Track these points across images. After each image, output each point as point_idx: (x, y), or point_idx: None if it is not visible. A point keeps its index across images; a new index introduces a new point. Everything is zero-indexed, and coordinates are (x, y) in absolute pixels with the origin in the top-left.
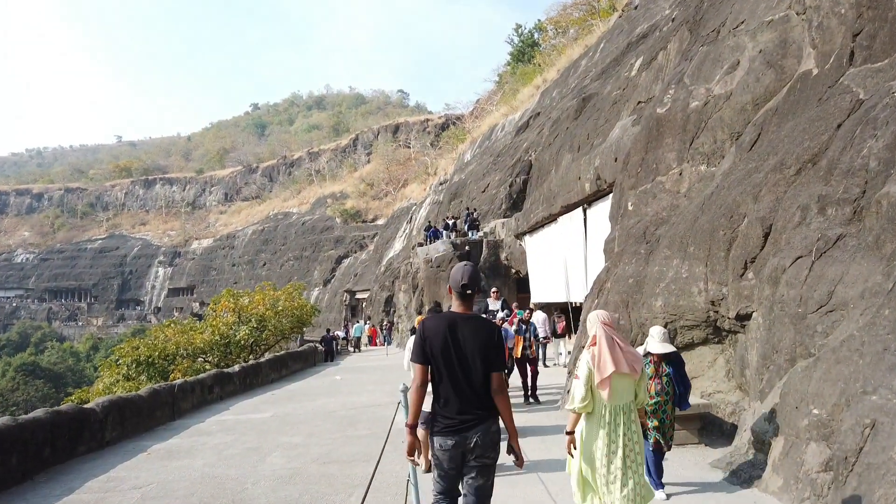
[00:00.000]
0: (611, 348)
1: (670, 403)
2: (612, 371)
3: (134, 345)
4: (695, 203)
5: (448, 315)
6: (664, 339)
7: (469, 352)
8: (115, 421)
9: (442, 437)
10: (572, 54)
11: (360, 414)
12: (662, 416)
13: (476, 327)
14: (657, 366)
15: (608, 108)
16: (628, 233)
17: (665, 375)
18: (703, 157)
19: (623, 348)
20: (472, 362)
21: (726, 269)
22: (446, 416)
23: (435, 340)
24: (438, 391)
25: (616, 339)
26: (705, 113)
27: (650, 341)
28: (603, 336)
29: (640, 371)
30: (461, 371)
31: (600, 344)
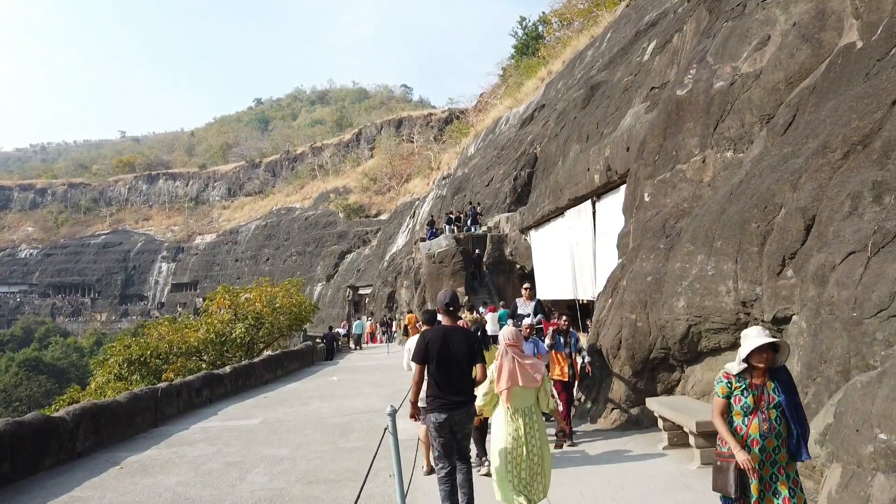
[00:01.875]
0: (511, 365)
1: (783, 451)
2: (507, 385)
3: (125, 343)
4: (721, 193)
5: (442, 328)
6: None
7: (456, 354)
8: (88, 430)
9: (437, 413)
10: (578, 45)
11: (353, 421)
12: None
13: (462, 337)
14: (760, 392)
15: (619, 95)
16: (645, 226)
17: (773, 407)
18: (729, 143)
19: (522, 364)
20: (459, 362)
21: (760, 266)
22: (440, 398)
23: (433, 346)
24: (436, 381)
25: (516, 356)
26: (731, 94)
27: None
28: (505, 354)
29: (541, 380)
30: (452, 368)
31: (501, 360)
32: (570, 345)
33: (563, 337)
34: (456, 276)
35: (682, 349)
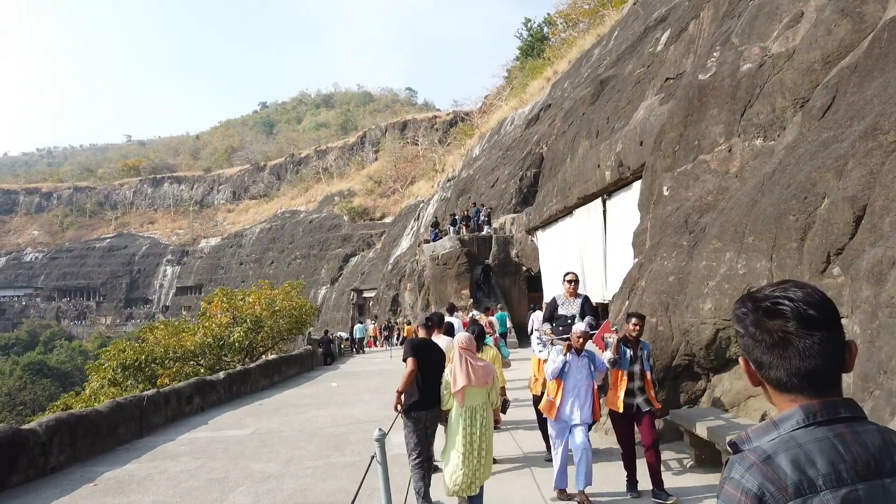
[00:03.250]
0: (464, 367)
1: None
2: (463, 385)
3: (120, 347)
4: (751, 184)
5: (420, 340)
6: None
7: (430, 364)
8: (63, 443)
9: (416, 411)
10: (584, 44)
11: (350, 433)
12: None
13: (437, 350)
14: None
15: (630, 88)
16: (664, 222)
17: None
18: (758, 130)
19: (475, 366)
20: (431, 370)
21: (800, 264)
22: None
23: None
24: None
25: (469, 359)
26: (760, 76)
27: None
28: (458, 357)
29: (492, 381)
30: (425, 375)
31: (455, 363)
32: (641, 360)
33: (631, 349)
34: (460, 278)
35: (708, 356)
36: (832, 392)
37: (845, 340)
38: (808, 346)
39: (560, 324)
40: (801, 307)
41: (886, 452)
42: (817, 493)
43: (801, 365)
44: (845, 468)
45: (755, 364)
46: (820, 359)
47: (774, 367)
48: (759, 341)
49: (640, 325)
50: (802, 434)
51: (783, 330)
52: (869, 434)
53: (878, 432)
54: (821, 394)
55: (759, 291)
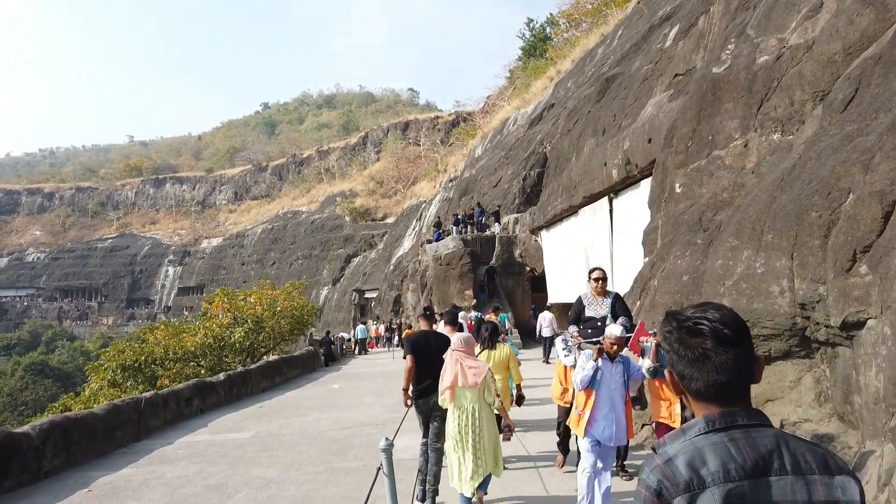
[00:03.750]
0: (454, 367)
1: None
2: (449, 385)
3: (120, 348)
4: (768, 180)
5: (418, 334)
6: None
7: (431, 353)
8: (57, 447)
9: (418, 398)
10: (587, 44)
11: (352, 436)
12: None
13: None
14: None
15: (637, 85)
16: (677, 220)
17: None
18: (775, 124)
19: (466, 367)
20: (433, 359)
21: (823, 262)
22: (421, 387)
23: (418, 344)
24: (415, 374)
25: (461, 361)
26: (778, 69)
27: None
28: (450, 357)
29: (483, 381)
30: (427, 363)
31: (447, 363)
32: None
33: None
34: (463, 278)
35: None
36: (741, 401)
37: (755, 356)
38: (723, 362)
39: (589, 326)
40: (718, 327)
41: (777, 454)
42: (706, 489)
43: (717, 378)
44: (734, 467)
45: (678, 376)
46: (733, 372)
47: (695, 380)
48: (682, 356)
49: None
50: (701, 439)
51: (702, 347)
52: (763, 438)
53: (773, 437)
54: (731, 403)
55: (682, 313)
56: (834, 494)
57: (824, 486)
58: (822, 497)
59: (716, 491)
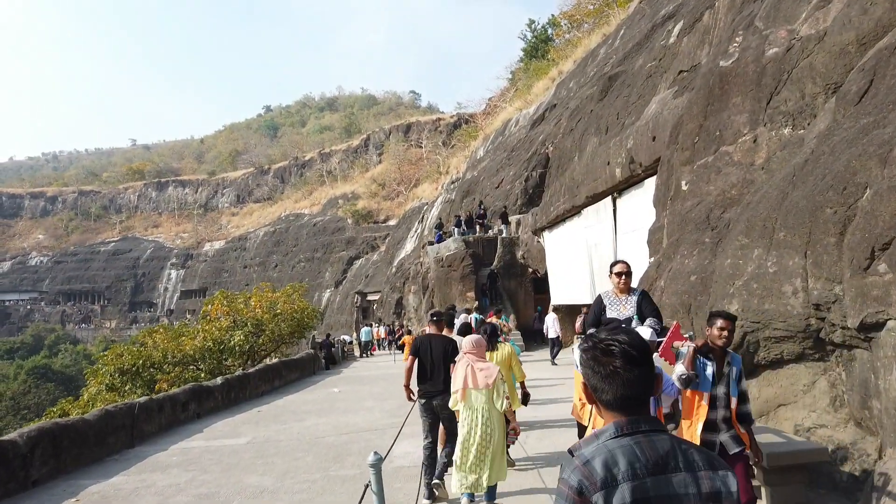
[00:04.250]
0: (465, 370)
1: None
2: (461, 387)
3: (118, 352)
4: (780, 176)
5: (428, 335)
6: None
7: (435, 356)
8: (46, 454)
9: (422, 399)
10: (589, 44)
11: (351, 442)
12: None
13: (440, 342)
14: None
15: (641, 82)
16: (684, 218)
17: None
18: (786, 118)
19: (477, 369)
20: (436, 361)
21: (839, 261)
22: (423, 388)
23: (421, 347)
24: (419, 374)
25: (472, 363)
26: (788, 61)
27: None
28: (462, 360)
29: (493, 384)
30: (431, 365)
31: (459, 366)
32: (728, 379)
33: (714, 363)
34: (465, 279)
35: None
36: (643, 410)
37: (655, 374)
38: (630, 378)
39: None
40: (627, 349)
41: (673, 455)
42: (618, 486)
43: (624, 391)
44: (640, 466)
45: (592, 388)
46: (638, 387)
47: (606, 392)
48: (597, 372)
49: (728, 330)
50: (613, 443)
51: (613, 365)
52: (661, 442)
53: (669, 440)
54: (636, 412)
55: (598, 335)
56: (717, 486)
57: (710, 480)
58: (708, 489)
59: (626, 487)
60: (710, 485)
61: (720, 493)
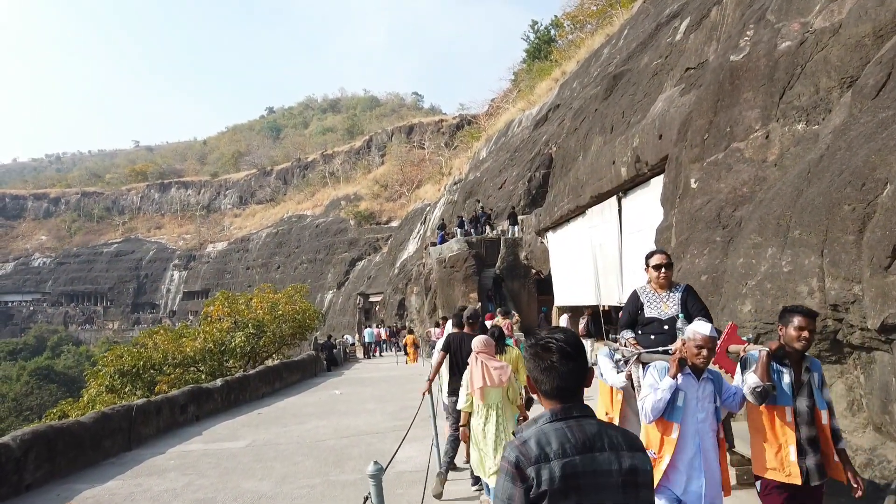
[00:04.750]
0: (481, 369)
1: None
2: (479, 386)
3: (118, 353)
4: (794, 172)
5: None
6: None
7: (465, 353)
8: (40, 458)
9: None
10: (593, 44)
11: (352, 445)
12: None
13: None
14: None
15: (647, 80)
16: (693, 217)
17: None
18: (799, 113)
19: (490, 367)
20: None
21: (858, 259)
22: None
23: (453, 344)
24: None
25: (485, 362)
26: (801, 55)
27: None
28: (475, 360)
29: (507, 380)
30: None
31: (472, 366)
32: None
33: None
34: (468, 280)
35: None
36: (576, 399)
37: (588, 367)
38: (564, 371)
39: (651, 332)
40: (563, 346)
41: (598, 437)
42: (549, 461)
43: (559, 383)
44: (569, 446)
45: (533, 379)
46: (571, 379)
47: (544, 383)
48: (537, 366)
49: (809, 330)
50: (548, 426)
51: (551, 360)
52: (590, 426)
53: (597, 425)
54: (569, 401)
55: (539, 334)
56: (635, 464)
57: (630, 459)
58: (628, 465)
59: (556, 463)
60: (630, 462)
61: (637, 470)
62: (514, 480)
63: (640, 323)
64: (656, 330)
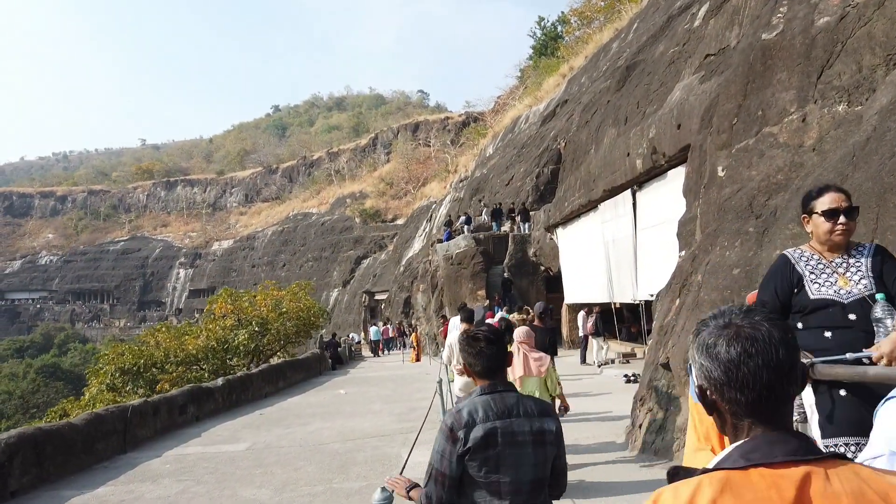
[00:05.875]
0: (521, 358)
1: None
2: (520, 375)
3: (119, 351)
4: (835, 157)
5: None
6: None
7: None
8: (27, 463)
9: None
10: (601, 39)
11: (357, 449)
12: None
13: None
14: None
15: (663, 70)
16: (721, 207)
17: None
18: (840, 93)
19: (530, 357)
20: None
21: None
22: None
23: None
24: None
25: (526, 352)
26: (842, 31)
27: None
28: (517, 350)
29: (546, 371)
30: None
31: (515, 355)
32: None
33: None
34: (475, 277)
35: None
36: (499, 376)
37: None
38: (490, 355)
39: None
40: (488, 335)
41: (515, 406)
42: (476, 425)
43: (487, 364)
44: (492, 413)
45: (468, 364)
46: (495, 361)
47: (476, 365)
48: (469, 353)
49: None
50: (478, 399)
51: (479, 346)
52: (510, 398)
53: (515, 397)
54: (494, 378)
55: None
56: (543, 426)
57: (539, 422)
58: (537, 428)
59: (480, 427)
60: (539, 426)
61: (544, 431)
62: (448, 440)
63: (799, 310)
64: (834, 320)
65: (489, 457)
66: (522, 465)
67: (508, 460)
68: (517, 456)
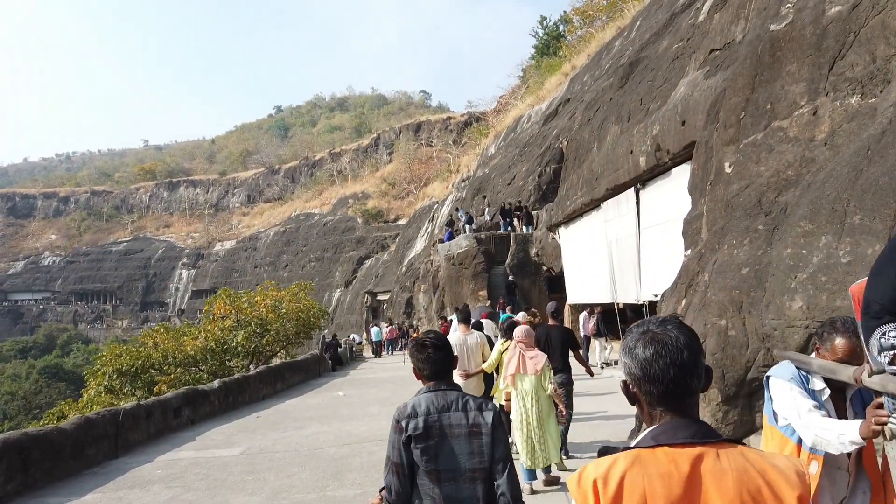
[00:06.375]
0: (517, 357)
1: None
2: (512, 372)
3: (116, 352)
4: (849, 151)
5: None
6: None
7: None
8: (12, 468)
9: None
10: (604, 38)
11: (353, 454)
12: None
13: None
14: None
15: (666, 65)
16: (729, 204)
17: None
18: (853, 85)
19: (527, 357)
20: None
21: None
22: None
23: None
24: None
25: (522, 351)
26: (854, 20)
27: None
28: (514, 348)
29: (541, 370)
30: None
31: (510, 354)
32: None
33: None
34: (477, 277)
35: None
36: (445, 378)
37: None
38: (437, 359)
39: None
40: (435, 341)
41: (455, 402)
42: (417, 416)
43: (433, 368)
44: (433, 407)
45: (417, 368)
46: (441, 365)
47: (425, 369)
48: (419, 358)
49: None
50: (423, 396)
51: (427, 353)
52: (450, 395)
53: (456, 394)
54: (439, 379)
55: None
56: (479, 420)
57: (475, 417)
58: (473, 421)
59: (421, 419)
60: (475, 419)
61: (479, 424)
62: (395, 430)
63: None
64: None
65: (429, 446)
66: (459, 454)
67: (446, 449)
68: (454, 445)
